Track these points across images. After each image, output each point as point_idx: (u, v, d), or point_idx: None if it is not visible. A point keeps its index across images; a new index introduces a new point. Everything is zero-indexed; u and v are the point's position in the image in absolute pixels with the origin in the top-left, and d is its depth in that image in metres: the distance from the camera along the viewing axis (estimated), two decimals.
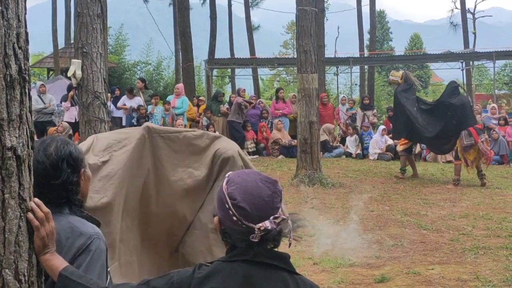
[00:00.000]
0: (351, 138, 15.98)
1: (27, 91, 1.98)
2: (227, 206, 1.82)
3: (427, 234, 7.39)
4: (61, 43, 25.69)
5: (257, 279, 1.80)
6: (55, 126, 14.67)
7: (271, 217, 1.81)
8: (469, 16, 30.25)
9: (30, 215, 1.96)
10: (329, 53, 28.30)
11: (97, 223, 2.30)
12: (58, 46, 24.19)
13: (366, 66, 28.06)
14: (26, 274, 1.93)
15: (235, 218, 1.81)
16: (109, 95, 14.07)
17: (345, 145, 16.16)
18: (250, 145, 15.58)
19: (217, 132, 15.03)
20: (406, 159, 12.33)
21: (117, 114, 15.68)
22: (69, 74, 7.52)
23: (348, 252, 6.47)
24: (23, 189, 1.94)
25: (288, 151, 15.23)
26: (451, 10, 32.95)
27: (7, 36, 1.88)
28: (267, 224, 1.79)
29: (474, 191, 10.52)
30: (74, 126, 13.52)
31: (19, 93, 1.93)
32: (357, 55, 26.78)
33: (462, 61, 25.27)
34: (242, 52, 33.70)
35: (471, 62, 26.35)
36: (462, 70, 25.49)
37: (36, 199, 2.02)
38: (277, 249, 1.87)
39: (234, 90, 26.74)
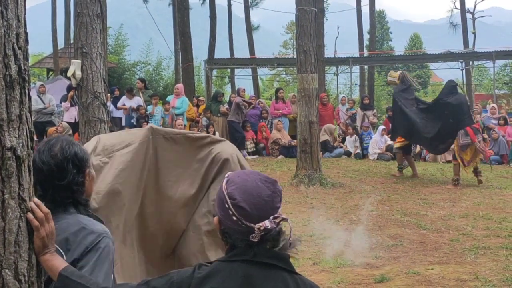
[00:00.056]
0: (350, 138, 15.99)
1: (26, 91, 1.98)
2: (226, 206, 1.82)
3: (427, 234, 7.39)
4: (60, 43, 25.66)
5: (257, 279, 1.80)
6: (54, 126, 14.67)
7: (271, 217, 1.81)
8: (468, 16, 30.24)
9: (30, 215, 1.96)
10: (328, 53, 28.30)
11: (101, 223, 2.31)
12: (57, 46, 24.15)
13: (366, 66, 28.06)
14: (26, 274, 1.93)
15: (235, 218, 1.81)
16: (109, 95, 14.06)
17: (344, 145, 16.17)
18: (249, 145, 15.58)
19: (217, 133, 15.05)
20: (402, 156, 12.41)
21: (116, 114, 15.67)
22: (69, 74, 7.53)
23: (348, 252, 6.47)
24: (23, 189, 1.94)
25: (288, 151, 15.23)
26: (450, 10, 32.96)
27: (6, 36, 1.88)
28: (267, 224, 1.79)
29: (474, 191, 10.51)
30: (74, 126, 13.52)
31: (18, 93, 1.93)
32: (356, 55, 26.78)
33: (461, 61, 25.28)
34: (242, 52, 33.70)
35: (471, 62, 26.37)
36: (462, 70, 25.49)
37: (36, 199, 2.02)
38: (276, 249, 1.87)
39: (233, 90, 26.72)
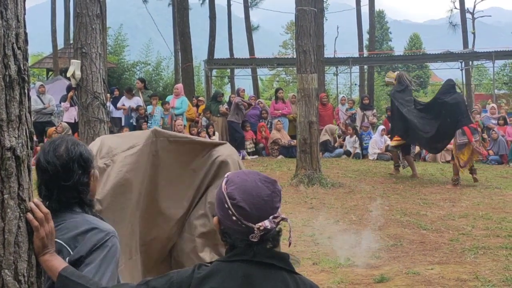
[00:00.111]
0: (350, 139, 15.98)
1: (26, 91, 1.98)
2: (226, 206, 1.82)
3: (427, 234, 7.39)
4: (60, 44, 25.64)
5: (257, 278, 1.80)
6: (54, 126, 14.67)
7: (271, 217, 1.81)
8: (468, 16, 30.25)
9: (29, 215, 1.96)
10: (328, 53, 28.32)
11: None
12: (57, 46, 24.15)
13: (365, 66, 28.05)
14: (25, 274, 1.93)
15: (234, 217, 1.81)
16: (108, 95, 14.05)
17: (344, 145, 16.17)
18: (249, 145, 15.58)
19: (217, 133, 15.05)
20: (397, 155, 12.44)
21: (116, 114, 15.67)
22: (69, 74, 7.53)
23: (348, 252, 6.47)
24: (23, 189, 1.94)
25: (287, 151, 15.23)
26: (450, 10, 32.97)
27: (6, 36, 1.88)
28: (266, 223, 1.79)
29: (474, 191, 10.51)
30: (74, 126, 13.52)
31: (18, 93, 1.93)
32: (356, 55, 26.78)
33: (461, 61, 25.27)
34: (242, 52, 33.71)
35: (471, 62, 26.37)
36: (462, 70, 25.49)
37: (36, 200, 2.02)
38: (276, 249, 1.87)
39: (233, 90, 26.73)
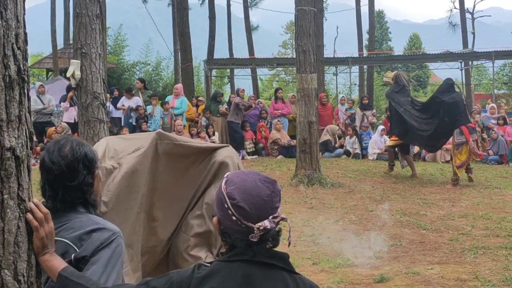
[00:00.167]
0: (350, 140, 15.98)
1: (26, 91, 1.98)
2: (226, 206, 1.82)
3: (427, 234, 7.39)
4: (60, 44, 25.62)
5: (257, 278, 1.80)
6: (54, 126, 14.67)
7: (270, 217, 1.81)
8: (468, 16, 30.25)
9: (29, 215, 1.96)
10: (328, 53, 28.31)
11: None
12: (57, 46, 24.14)
13: (365, 66, 28.06)
14: (25, 274, 1.93)
15: (234, 217, 1.81)
16: (108, 95, 14.05)
17: (344, 145, 16.17)
18: (248, 145, 15.58)
19: (217, 133, 15.05)
20: (393, 154, 12.51)
21: (116, 114, 15.67)
22: (68, 74, 7.54)
23: (348, 252, 6.47)
24: (22, 189, 1.94)
25: (287, 151, 15.24)
26: (450, 10, 32.99)
27: (6, 36, 1.88)
28: (266, 223, 1.79)
29: (473, 191, 10.51)
30: (73, 126, 13.52)
31: (18, 93, 1.93)
32: (356, 55, 26.77)
33: (461, 61, 25.27)
34: (241, 52, 33.69)
35: (470, 62, 26.37)
36: (461, 70, 25.48)
37: (35, 200, 2.02)
38: (276, 248, 1.87)
39: (233, 90, 26.73)
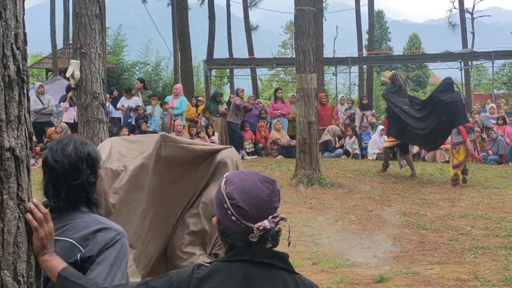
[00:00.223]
0: (350, 140, 15.99)
1: (25, 91, 1.98)
2: (225, 206, 1.82)
3: (426, 234, 7.39)
4: (59, 44, 25.58)
5: (256, 278, 1.80)
6: (53, 126, 14.66)
7: (270, 217, 1.81)
8: (467, 16, 30.25)
9: (28, 216, 1.96)
10: (327, 53, 28.31)
11: None
12: (56, 46, 24.12)
13: (364, 66, 28.05)
14: (25, 275, 1.93)
15: (234, 217, 1.81)
16: (108, 95, 14.04)
17: (344, 145, 16.18)
18: (248, 145, 15.58)
19: (216, 133, 15.05)
20: (389, 155, 12.59)
21: (115, 114, 15.66)
22: (68, 74, 7.53)
23: (347, 252, 6.48)
24: (22, 190, 1.93)
25: (287, 151, 15.24)
26: (449, 10, 32.99)
27: (5, 37, 1.88)
28: (266, 223, 1.79)
29: (473, 191, 10.51)
30: (73, 126, 13.52)
31: (17, 94, 1.93)
32: (355, 55, 26.76)
33: (460, 61, 25.26)
34: (241, 52, 33.67)
35: (470, 62, 26.36)
36: (461, 70, 25.48)
37: (35, 200, 2.01)
38: (276, 248, 1.87)
39: (232, 90, 26.72)
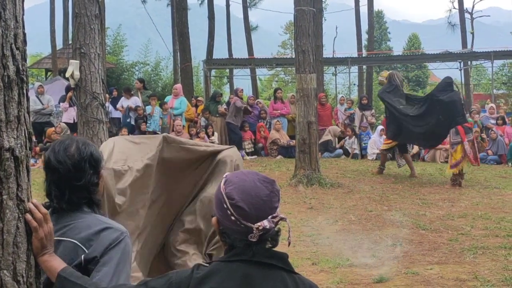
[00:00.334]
0: (349, 140, 15.99)
1: (25, 92, 1.98)
2: (225, 206, 1.82)
3: (426, 234, 7.39)
4: (59, 44, 25.55)
5: (256, 278, 1.80)
6: (53, 127, 14.66)
7: (269, 217, 1.81)
8: (467, 16, 30.25)
9: (28, 216, 1.96)
10: (327, 53, 28.31)
11: None
12: (56, 46, 24.09)
13: (364, 66, 28.06)
14: (24, 275, 1.93)
15: (233, 217, 1.81)
16: (107, 95, 14.03)
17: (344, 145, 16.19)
18: (248, 145, 15.57)
19: (216, 133, 15.05)
20: (385, 157, 12.64)
21: (115, 114, 15.66)
22: (67, 75, 7.54)
23: (347, 252, 6.48)
24: (21, 190, 1.93)
25: (286, 151, 15.24)
26: (449, 10, 32.98)
27: (4, 37, 1.88)
28: (265, 223, 1.79)
29: (473, 191, 10.51)
30: (72, 127, 13.51)
31: (17, 94, 1.93)
32: (355, 55, 26.76)
33: (460, 61, 25.27)
34: (240, 52, 33.65)
35: (469, 62, 26.37)
36: (460, 70, 25.49)
37: (34, 200, 2.02)
38: (275, 248, 1.87)
39: (232, 91, 26.71)
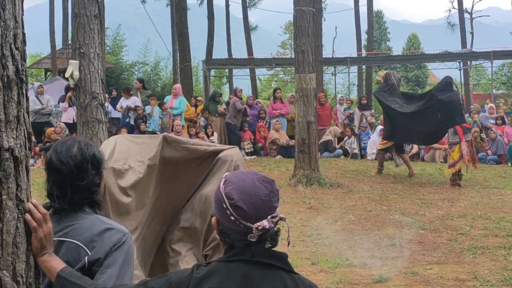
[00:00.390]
0: (349, 140, 15.99)
1: (24, 92, 1.97)
2: (224, 206, 1.82)
3: (425, 234, 7.39)
4: (58, 44, 25.53)
5: (256, 278, 1.80)
6: (53, 127, 14.65)
7: (269, 217, 1.81)
8: (466, 16, 30.28)
9: (28, 216, 1.96)
10: (326, 53, 28.35)
11: None
12: (55, 46, 24.07)
13: (364, 66, 28.06)
14: (24, 275, 1.93)
15: (232, 217, 1.81)
16: (107, 95, 14.02)
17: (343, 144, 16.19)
18: (247, 145, 15.57)
19: (215, 133, 15.05)
20: (383, 158, 12.68)
21: (115, 114, 15.65)
22: (67, 75, 7.53)
23: (346, 252, 6.48)
24: (21, 190, 1.93)
25: (286, 151, 15.24)
26: (448, 10, 33.02)
27: (4, 37, 1.88)
28: (265, 223, 1.79)
29: (472, 191, 10.52)
30: (72, 127, 13.50)
31: (16, 94, 1.93)
32: (354, 55, 26.76)
33: (459, 61, 25.27)
34: (240, 52, 33.64)
35: (469, 62, 26.37)
36: (460, 70, 25.50)
37: (34, 200, 2.01)
38: (275, 248, 1.87)
39: (231, 90, 26.71)
